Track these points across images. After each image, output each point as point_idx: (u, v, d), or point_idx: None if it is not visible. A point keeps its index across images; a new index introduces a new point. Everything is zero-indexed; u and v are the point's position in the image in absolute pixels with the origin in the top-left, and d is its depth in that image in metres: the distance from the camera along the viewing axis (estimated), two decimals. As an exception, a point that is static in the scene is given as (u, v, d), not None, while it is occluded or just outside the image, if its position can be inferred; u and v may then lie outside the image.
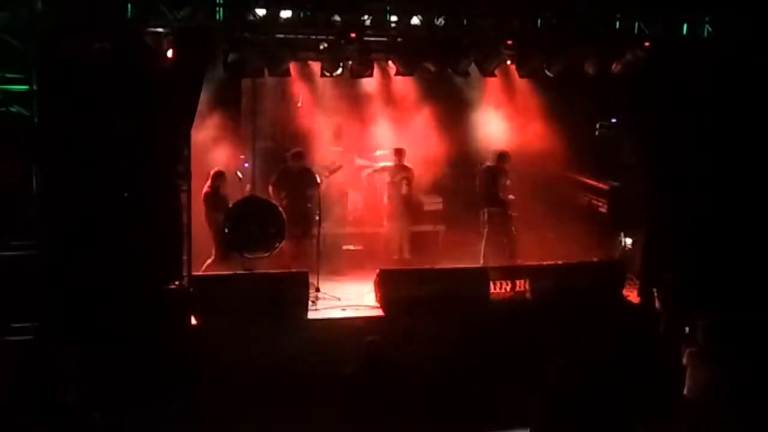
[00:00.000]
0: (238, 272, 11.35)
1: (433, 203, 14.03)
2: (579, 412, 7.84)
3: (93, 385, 8.93)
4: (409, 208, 13.12)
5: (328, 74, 11.22)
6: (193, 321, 10.43)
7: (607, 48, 11.19)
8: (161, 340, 9.60)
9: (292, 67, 11.43)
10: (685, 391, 8.96)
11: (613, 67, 11.24)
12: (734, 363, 8.87)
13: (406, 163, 12.99)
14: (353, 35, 10.39)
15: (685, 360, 8.96)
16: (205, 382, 9.50)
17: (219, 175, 12.08)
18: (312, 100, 13.54)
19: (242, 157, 13.56)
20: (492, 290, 11.39)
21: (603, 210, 13.35)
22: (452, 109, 13.95)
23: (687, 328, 9.21)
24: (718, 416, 8.62)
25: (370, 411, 7.83)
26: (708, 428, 8.87)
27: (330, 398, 8.04)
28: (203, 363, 9.74)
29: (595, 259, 12.90)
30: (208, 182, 11.94)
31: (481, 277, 11.44)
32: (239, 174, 12.72)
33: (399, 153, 12.96)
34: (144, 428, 8.85)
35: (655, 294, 10.37)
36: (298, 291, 10.94)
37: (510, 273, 11.59)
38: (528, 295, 11.55)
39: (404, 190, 12.90)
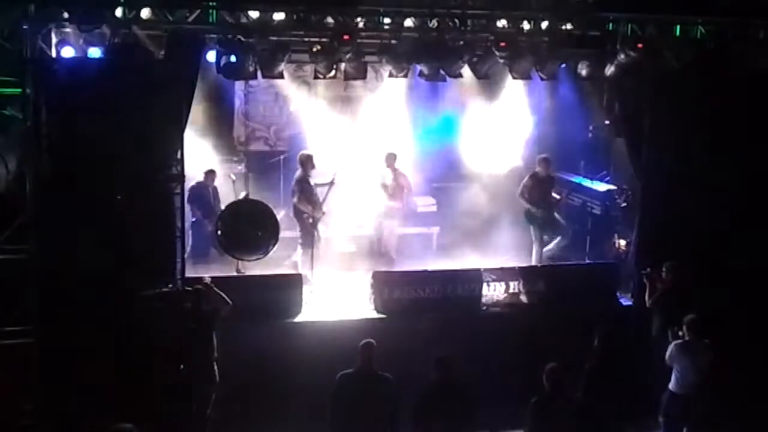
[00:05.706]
0: (231, 275, 11.36)
1: (426, 205, 14.06)
2: (573, 413, 7.87)
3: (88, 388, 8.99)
4: (403, 209, 13.21)
5: (321, 76, 11.21)
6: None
7: (600, 50, 11.19)
8: (155, 344, 9.57)
9: (286, 69, 11.43)
10: (670, 386, 9.01)
11: (606, 68, 11.26)
12: (719, 356, 8.93)
13: (397, 167, 13.09)
14: (347, 37, 10.40)
15: (669, 353, 9.00)
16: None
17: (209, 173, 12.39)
18: (306, 102, 13.56)
19: (236, 159, 13.56)
20: (486, 292, 11.40)
21: (597, 212, 13.38)
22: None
23: (676, 327, 9.26)
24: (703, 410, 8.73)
25: (365, 413, 7.84)
26: (693, 422, 8.96)
27: (324, 400, 8.03)
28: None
29: (588, 261, 12.95)
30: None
31: (475, 278, 11.44)
32: (232, 176, 12.71)
33: (394, 157, 13.06)
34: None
35: (646, 294, 10.38)
36: (292, 293, 10.94)
37: (504, 274, 11.59)
38: (522, 296, 11.56)
39: (405, 192, 13.04)
